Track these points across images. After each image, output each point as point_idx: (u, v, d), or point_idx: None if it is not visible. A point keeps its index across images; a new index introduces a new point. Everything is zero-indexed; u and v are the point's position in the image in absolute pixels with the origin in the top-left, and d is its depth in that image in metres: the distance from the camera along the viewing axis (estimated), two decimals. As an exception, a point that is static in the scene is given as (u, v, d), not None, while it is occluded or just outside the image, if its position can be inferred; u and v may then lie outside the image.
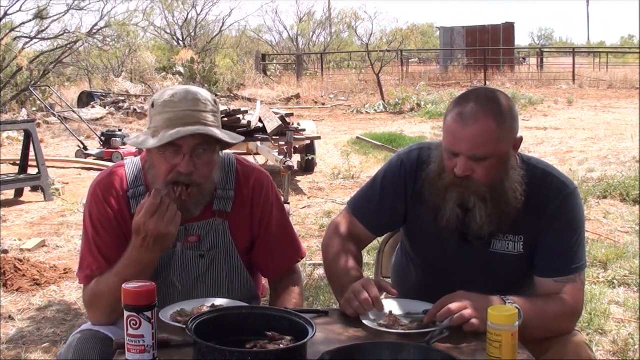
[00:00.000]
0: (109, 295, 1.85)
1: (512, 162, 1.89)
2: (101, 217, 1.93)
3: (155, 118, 1.83)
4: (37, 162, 7.22)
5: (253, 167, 2.08)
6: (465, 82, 23.43)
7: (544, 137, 11.19)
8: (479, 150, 1.81)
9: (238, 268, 2.03)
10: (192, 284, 1.99)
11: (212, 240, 1.99)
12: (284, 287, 2.10)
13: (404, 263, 2.21)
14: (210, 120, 1.84)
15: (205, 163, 1.86)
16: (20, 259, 4.74)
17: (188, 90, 1.85)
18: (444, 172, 1.90)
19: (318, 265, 4.76)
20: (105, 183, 1.97)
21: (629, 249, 4.94)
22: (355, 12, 23.12)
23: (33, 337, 3.69)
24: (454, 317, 1.71)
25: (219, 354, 1.43)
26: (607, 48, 39.97)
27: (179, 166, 1.82)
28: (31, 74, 17.12)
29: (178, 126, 1.79)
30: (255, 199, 2.03)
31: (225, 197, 1.98)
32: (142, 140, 1.84)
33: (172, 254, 1.97)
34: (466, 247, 1.96)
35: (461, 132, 1.82)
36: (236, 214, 2.00)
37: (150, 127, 1.86)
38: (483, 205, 1.86)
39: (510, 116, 1.86)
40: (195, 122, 1.80)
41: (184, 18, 33.42)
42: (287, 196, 5.65)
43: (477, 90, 1.91)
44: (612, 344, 3.42)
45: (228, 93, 19.36)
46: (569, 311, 1.88)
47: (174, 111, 1.80)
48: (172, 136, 1.77)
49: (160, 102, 1.82)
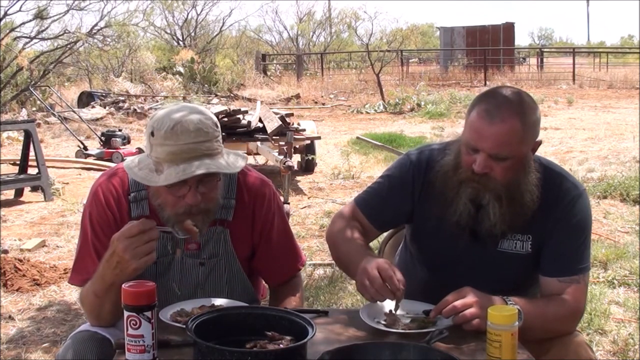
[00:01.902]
0: (88, 305, 1.87)
1: (530, 165, 1.89)
2: (101, 219, 1.92)
3: (157, 149, 1.78)
4: (37, 162, 7.22)
5: (255, 177, 2.05)
6: (465, 82, 23.44)
7: (544, 137, 11.12)
8: (502, 150, 1.80)
9: (238, 275, 2.02)
10: (192, 290, 1.98)
11: (212, 248, 1.98)
12: (284, 292, 2.10)
13: (408, 262, 2.20)
14: (214, 148, 1.79)
15: (210, 189, 1.83)
16: (20, 259, 4.74)
17: (189, 119, 1.77)
18: (460, 167, 1.89)
19: (318, 265, 4.76)
20: (107, 184, 1.95)
21: (629, 249, 4.94)
22: (355, 12, 23.09)
23: (33, 337, 3.69)
24: (456, 316, 1.71)
25: (218, 354, 1.43)
26: (607, 48, 39.98)
27: (186, 198, 1.79)
28: (31, 74, 17.12)
29: (182, 161, 1.74)
30: (257, 208, 2.01)
31: (226, 206, 1.97)
32: (146, 174, 1.79)
33: (171, 260, 1.96)
34: (474, 245, 1.95)
35: (487, 130, 1.80)
36: (237, 222, 1.99)
37: (150, 155, 1.80)
38: (497, 203, 1.86)
39: (535, 119, 1.86)
40: (200, 155, 1.76)
41: (184, 18, 33.46)
42: (287, 196, 5.65)
43: (504, 89, 1.90)
44: (612, 344, 3.42)
45: (228, 93, 19.35)
46: (570, 312, 1.88)
47: (177, 145, 1.74)
48: (179, 177, 1.74)
49: (162, 134, 1.75)
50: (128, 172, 1.83)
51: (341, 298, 4.13)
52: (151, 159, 1.80)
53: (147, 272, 1.90)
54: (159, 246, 1.89)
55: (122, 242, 1.69)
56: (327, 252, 4.74)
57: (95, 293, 1.81)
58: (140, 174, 1.79)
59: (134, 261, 1.69)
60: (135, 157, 1.88)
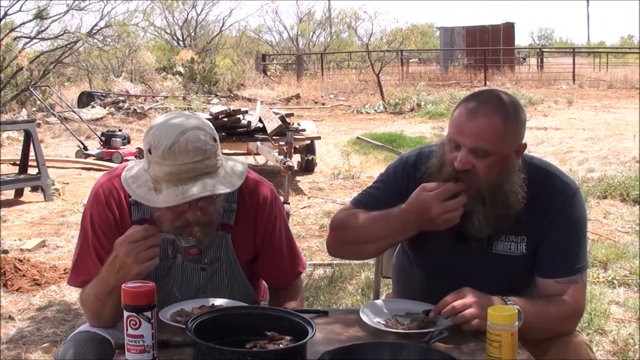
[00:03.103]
0: (89, 307, 1.88)
1: (513, 166, 1.89)
2: (101, 221, 1.92)
3: (155, 167, 1.76)
4: (37, 162, 7.22)
5: (257, 180, 2.04)
6: (465, 82, 23.44)
7: (544, 137, 11.19)
8: (481, 144, 1.81)
9: (239, 279, 2.02)
10: (192, 294, 1.97)
11: (214, 253, 1.97)
12: (284, 295, 2.10)
13: (405, 264, 2.20)
14: (212, 165, 1.77)
15: (210, 203, 1.82)
16: (20, 259, 4.74)
17: (187, 137, 1.73)
18: (444, 166, 1.89)
19: (318, 265, 4.76)
20: (108, 186, 1.94)
21: (629, 249, 4.94)
22: (355, 12, 23.14)
23: (33, 337, 3.69)
24: (455, 316, 1.71)
25: (218, 354, 1.43)
26: (607, 48, 39.97)
27: (186, 214, 1.79)
28: (31, 74, 17.13)
29: (181, 182, 1.73)
30: (260, 213, 2.00)
31: (228, 210, 1.96)
32: (145, 193, 1.77)
33: (171, 264, 1.96)
34: (467, 248, 1.95)
35: (467, 124, 1.82)
36: (239, 227, 1.98)
37: (148, 171, 1.78)
38: (481, 207, 1.86)
39: (518, 120, 1.87)
40: (199, 174, 1.74)
41: (184, 18, 33.47)
42: (287, 196, 5.66)
43: (489, 91, 1.93)
44: (612, 344, 3.42)
45: (228, 93, 19.35)
46: (570, 312, 1.87)
47: (175, 165, 1.72)
48: (178, 200, 1.72)
49: (160, 153, 1.73)
50: (126, 189, 1.82)
51: (341, 298, 4.13)
52: (149, 175, 1.78)
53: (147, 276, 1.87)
54: (160, 250, 1.87)
55: (125, 246, 1.69)
56: (327, 252, 4.73)
57: (96, 296, 1.81)
58: (139, 192, 1.77)
59: (136, 266, 1.69)
60: (132, 167, 1.86)
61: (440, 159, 1.92)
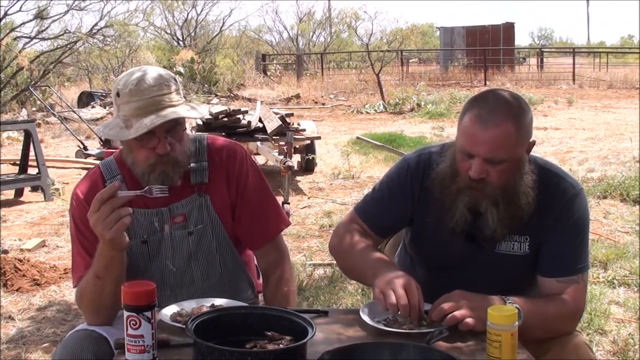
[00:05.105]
0: (89, 293, 1.89)
1: (525, 166, 1.89)
2: (82, 216, 1.93)
3: (124, 107, 1.90)
4: (37, 162, 7.22)
5: (224, 140, 2.16)
6: (465, 82, 23.43)
7: (544, 137, 11.18)
8: (497, 154, 1.80)
9: (227, 243, 2.08)
10: (185, 263, 2.04)
11: (196, 216, 2.04)
12: (274, 277, 2.13)
13: (407, 263, 2.20)
14: (176, 99, 1.93)
15: (178, 140, 1.95)
16: (20, 259, 4.74)
17: (150, 75, 1.91)
18: (457, 174, 1.88)
19: (318, 265, 4.76)
20: (83, 184, 2.04)
21: (629, 249, 4.94)
22: (355, 12, 23.17)
23: (33, 337, 3.69)
24: (446, 318, 1.71)
25: (218, 354, 1.43)
26: (607, 48, 39.97)
27: (157, 149, 1.91)
28: (31, 74, 17.12)
29: (149, 113, 1.87)
30: (230, 167, 2.08)
31: (200, 169, 2.05)
32: (117, 132, 1.91)
33: (160, 237, 2.02)
34: (473, 248, 1.95)
35: (481, 135, 1.79)
36: (214, 185, 2.06)
37: (119, 115, 1.92)
38: (495, 209, 1.86)
39: (527, 120, 1.86)
40: (165, 106, 1.90)
41: (184, 18, 33.47)
42: (287, 196, 5.65)
43: (495, 92, 1.89)
44: (612, 344, 3.42)
45: (228, 93, 19.36)
46: (570, 312, 1.88)
47: (142, 99, 1.88)
48: (148, 126, 1.86)
49: (127, 92, 1.89)
50: (102, 135, 1.98)
51: (341, 298, 4.13)
52: (120, 119, 1.91)
53: (140, 255, 2.00)
54: (147, 225, 2.00)
55: (91, 219, 1.74)
56: (327, 252, 4.73)
57: (96, 274, 1.84)
58: (112, 133, 1.92)
59: (107, 232, 1.72)
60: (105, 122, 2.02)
61: (452, 165, 1.91)
